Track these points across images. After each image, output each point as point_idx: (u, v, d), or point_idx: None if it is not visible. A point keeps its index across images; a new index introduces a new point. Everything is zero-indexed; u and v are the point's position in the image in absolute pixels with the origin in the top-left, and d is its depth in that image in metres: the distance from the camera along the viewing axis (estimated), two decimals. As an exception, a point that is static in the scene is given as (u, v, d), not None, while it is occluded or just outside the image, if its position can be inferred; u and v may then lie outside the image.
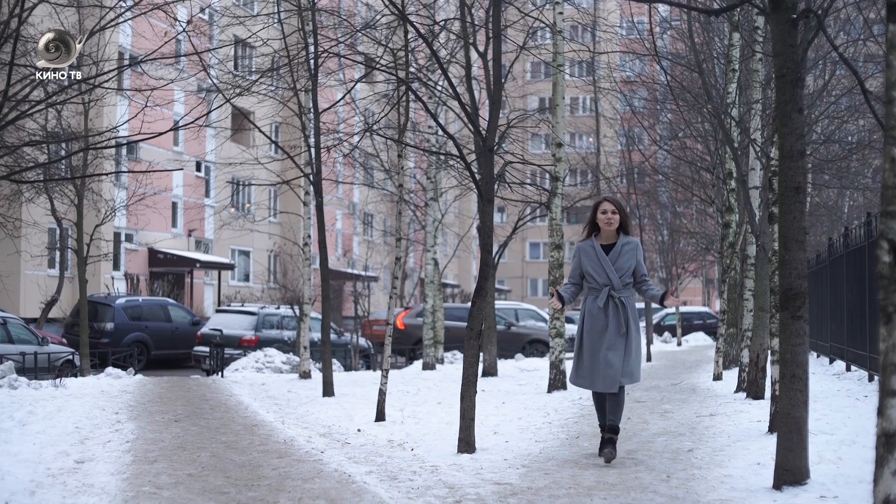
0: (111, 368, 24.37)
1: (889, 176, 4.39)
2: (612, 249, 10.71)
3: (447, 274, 75.65)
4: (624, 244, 10.73)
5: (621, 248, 10.70)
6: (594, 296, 10.69)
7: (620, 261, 10.65)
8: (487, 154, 12.00)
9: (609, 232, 10.74)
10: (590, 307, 10.70)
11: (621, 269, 10.64)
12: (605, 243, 10.77)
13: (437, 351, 30.18)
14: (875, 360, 17.09)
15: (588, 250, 10.77)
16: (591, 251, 10.74)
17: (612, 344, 10.48)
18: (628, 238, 10.81)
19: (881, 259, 4.40)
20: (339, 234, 66.40)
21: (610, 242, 10.77)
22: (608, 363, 10.41)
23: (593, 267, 10.69)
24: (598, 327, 10.56)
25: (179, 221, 52.72)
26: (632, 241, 10.82)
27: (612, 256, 10.67)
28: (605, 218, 10.67)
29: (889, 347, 4.35)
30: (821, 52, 21.21)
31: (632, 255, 10.70)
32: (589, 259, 10.74)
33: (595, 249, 10.72)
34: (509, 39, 20.14)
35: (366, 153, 36.93)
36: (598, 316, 10.59)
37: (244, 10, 32.65)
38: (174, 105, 46.65)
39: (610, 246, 10.75)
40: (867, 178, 30.32)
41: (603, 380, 10.43)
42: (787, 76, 8.09)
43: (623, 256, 10.67)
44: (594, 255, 10.71)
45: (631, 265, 10.68)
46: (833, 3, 10.65)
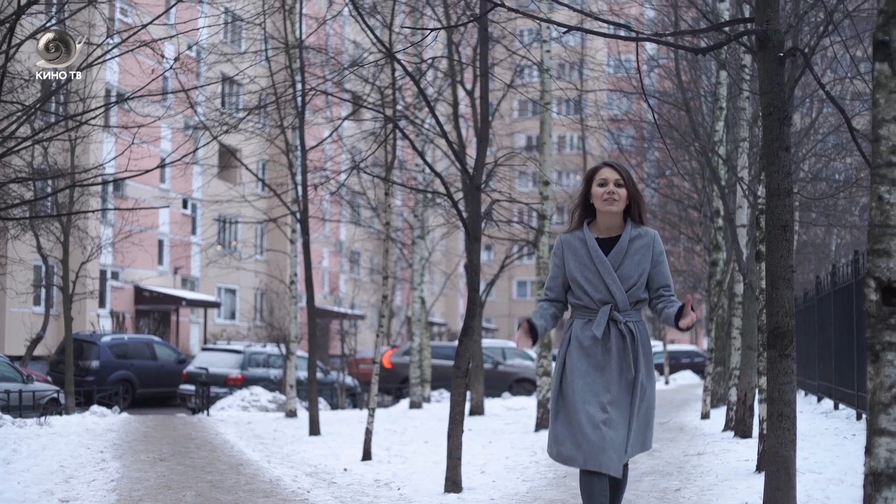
0: (96, 407, 24.24)
1: (876, 214, 4.37)
2: (616, 246, 7.00)
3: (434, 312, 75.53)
4: (634, 238, 7.01)
5: (629, 243, 6.99)
6: (584, 319, 7.00)
7: (628, 264, 6.96)
8: (474, 192, 11.98)
9: (611, 218, 7.06)
10: (578, 336, 6.97)
11: (629, 276, 6.94)
12: (605, 236, 7.08)
13: (424, 389, 30.10)
14: (863, 398, 17.06)
15: (576, 247, 7.08)
16: (582, 248, 7.05)
17: (614, 398, 6.80)
18: (641, 228, 7.06)
19: (868, 297, 4.38)
20: (326, 272, 66.31)
21: (612, 235, 7.07)
22: (607, 428, 6.72)
23: (584, 273, 6.99)
24: (591, 368, 6.87)
25: (166, 259, 52.61)
26: (646, 232, 7.06)
27: (615, 257, 6.97)
28: (604, 193, 6.97)
29: (876, 386, 4.32)
30: (808, 90, 21.27)
31: (646, 256, 6.98)
32: (578, 260, 7.04)
33: (588, 246, 7.03)
34: (497, 77, 20.16)
35: (353, 191, 36.93)
36: (592, 351, 6.88)
37: (232, 48, 32.73)
38: (161, 142, 46.65)
39: (611, 241, 7.05)
40: (854, 216, 30.39)
41: (597, 454, 6.67)
42: (774, 114, 8.09)
43: (632, 257, 6.97)
44: (586, 254, 7.02)
45: (644, 271, 6.98)
46: (820, 42, 10.68)
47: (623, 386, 6.86)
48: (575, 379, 6.90)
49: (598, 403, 6.80)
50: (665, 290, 7.06)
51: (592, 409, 6.78)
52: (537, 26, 23.99)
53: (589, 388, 6.85)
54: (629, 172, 7.16)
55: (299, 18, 21.78)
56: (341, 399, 33.26)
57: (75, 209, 28.76)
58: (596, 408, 6.78)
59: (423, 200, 28.97)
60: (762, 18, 8.01)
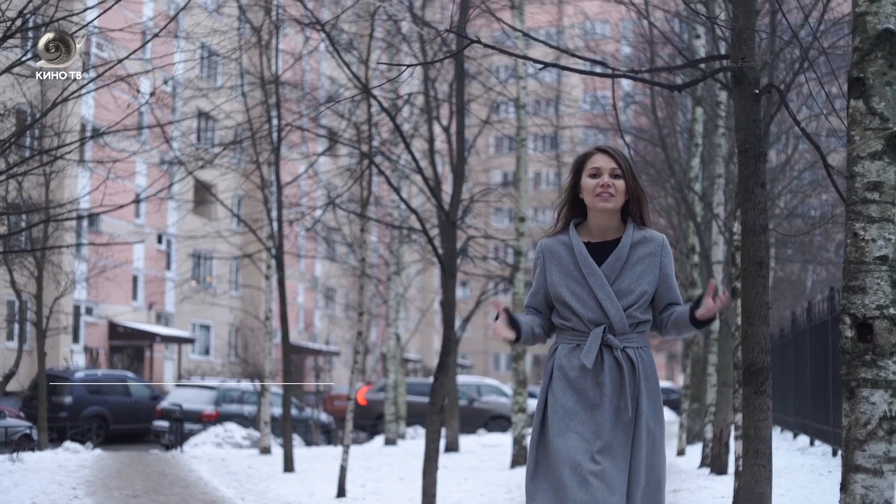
0: (69, 443, 24.09)
1: (851, 251, 4.37)
2: (613, 253, 5.48)
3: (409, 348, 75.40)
4: (637, 243, 5.51)
5: (631, 249, 5.49)
6: (571, 344, 5.47)
7: (628, 276, 5.45)
8: (450, 228, 11.97)
9: (605, 217, 5.54)
10: (562, 366, 5.46)
11: (628, 291, 5.42)
12: (598, 240, 5.55)
13: (399, 426, 29.99)
14: (839, 435, 17.05)
15: (560, 254, 5.55)
16: (567, 256, 5.52)
17: (607, 445, 5.31)
18: (646, 231, 5.56)
19: (843, 334, 4.39)
20: (301, 308, 66.13)
21: (607, 239, 5.54)
22: (598, 482, 5.25)
23: (571, 287, 5.47)
24: (579, 407, 5.40)
25: (140, 294, 52.38)
26: (653, 237, 5.55)
27: (612, 266, 5.45)
28: (597, 186, 5.47)
29: (852, 423, 4.32)
30: (783, 127, 21.37)
31: (651, 266, 5.49)
32: (563, 271, 5.51)
33: (575, 253, 5.50)
34: (473, 114, 20.19)
35: (328, 227, 36.88)
36: (579, 384, 5.39)
37: (208, 83, 32.72)
38: (136, 177, 46.52)
39: (607, 246, 5.52)
40: (830, 253, 30.51)
41: None
42: (749, 151, 8.10)
43: (633, 267, 5.47)
44: (572, 263, 5.49)
45: (649, 285, 5.47)
46: (795, 79, 10.71)
47: (619, 430, 5.34)
48: (557, 421, 5.40)
49: (587, 452, 5.29)
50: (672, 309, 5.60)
51: (579, 460, 5.27)
52: (513, 63, 24.05)
53: (575, 433, 5.34)
54: (629, 160, 5.60)
55: (275, 54, 21.79)
56: (315, 436, 33.12)
57: (50, 244, 28.63)
58: (584, 457, 5.28)
59: (399, 236, 28.95)
60: (738, 55, 8.03)
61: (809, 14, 10.28)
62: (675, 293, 5.62)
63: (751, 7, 8.27)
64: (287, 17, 20.17)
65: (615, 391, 5.38)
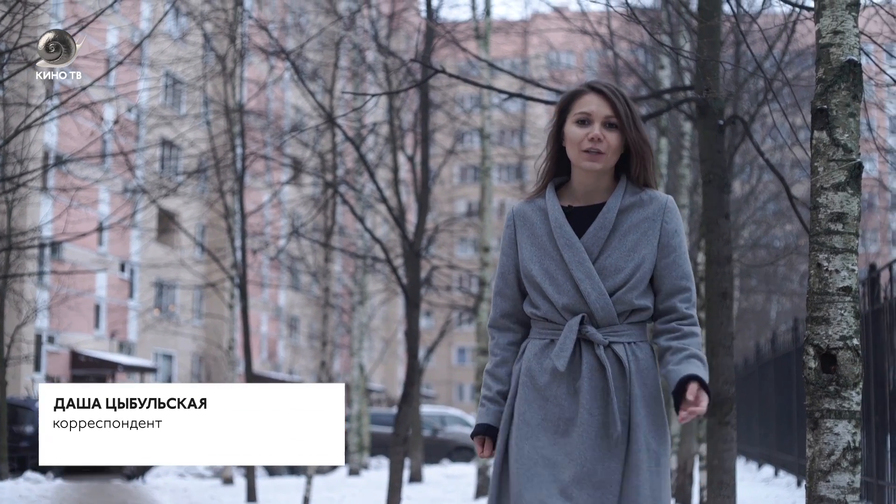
0: (30, 473, 23.87)
1: (815, 281, 4.37)
2: (598, 218, 4.16)
3: (373, 378, 75.27)
4: (630, 206, 4.18)
5: (619, 216, 4.17)
6: (543, 340, 4.19)
7: (616, 248, 4.14)
8: (414, 258, 11.95)
9: (593, 178, 4.21)
10: (531, 370, 4.18)
11: (616, 269, 4.11)
12: (582, 204, 4.23)
13: (363, 456, 29.88)
14: (803, 465, 17.08)
15: (534, 222, 4.25)
16: (541, 225, 4.23)
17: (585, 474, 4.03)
18: (645, 193, 4.22)
19: (807, 365, 4.38)
20: (265, 337, 65.90)
21: (593, 203, 4.22)
22: None
23: (543, 264, 4.18)
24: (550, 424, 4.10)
25: (102, 323, 52.09)
26: (653, 198, 4.19)
27: (594, 236, 4.14)
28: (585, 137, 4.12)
29: (816, 453, 4.31)
30: (748, 158, 21.50)
31: (648, 235, 4.15)
32: (535, 244, 4.23)
33: (552, 218, 4.19)
34: (437, 143, 20.21)
35: (292, 256, 36.81)
36: (550, 393, 4.12)
37: (172, 111, 32.65)
38: (99, 205, 46.34)
39: (592, 211, 4.20)
40: (794, 283, 30.65)
41: None
42: (713, 181, 8.12)
43: (624, 237, 4.15)
44: (546, 233, 4.21)
45: (644, 260, 4.13)
46: (759, 110, 10.76)
47: (605, 452, 4.05)
48: (521, 442, 4.10)
49: (556, 484, 4.03)
50: (681, 302, 4.17)
51: (544, 496, 4.01)
52: (478, 92, 24.10)
53: (542, 458, 4.06)
54: (630, 103, 4.25)
55: (240, 82, 21.75)
56: (279, 466, 32.95)
57: (11, 272, 28.45)
58: (550, 491, 4.01)
59: (363, 266, 28.90)
60: (702, 86, 8.06)
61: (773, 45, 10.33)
62: (681, 273, 4.17)
63: (715, 38, 8.31)
64: (252, 46, 20.18)
65: (597, 401, 4.08)
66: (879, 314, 10.70)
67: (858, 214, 4.36)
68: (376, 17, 22.01)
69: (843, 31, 4.42)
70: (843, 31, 4.42)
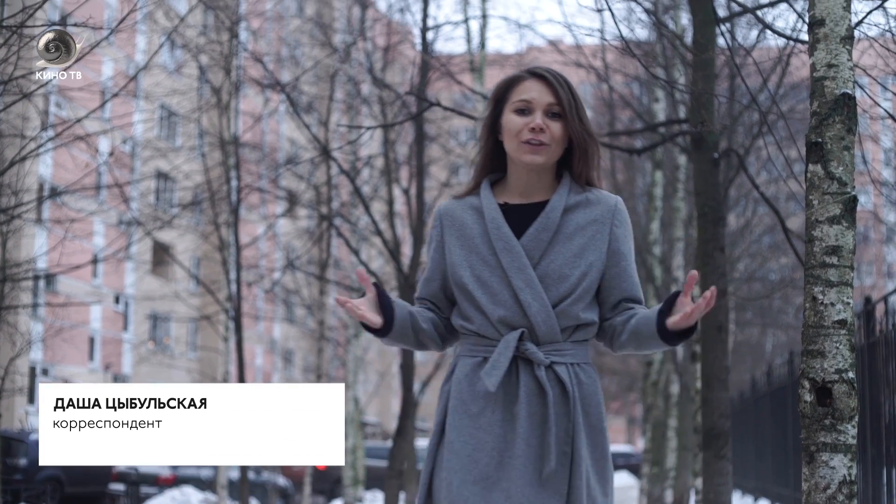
0: (23, 506, 23.81)
1: (810, 315, 4.36)
2: (540, 218, 3.70)
3: (368, 411, 75.16)
4: (575, 206, 3.73)
5: (564, 215, 3.71)
6: (475, 358, 3.71)
7: (560, 252, 3.67)
8: (409, 291, 11.94)
9: (531, 174, 3.77)
10: (462, 392, 3.70)
11: (561, 277, 3.64)
12: (520, 201, 3.78)
13: (357, 490, 29.77)
14: (799, 499, 17.02)
15: (464, 222, 3.79)
16: (475, 225, 3.77)
17: None
18: (592, 192, 3.77)
19: (803, 398, 4.37)
20: (259, 370, 65.79)
21: (534, 201, 3.77)
22: None
23: (475, 269, 3.71)
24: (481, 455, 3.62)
25: (97, 355, 52.00)
26: (600, 198, 3.76)
27: (536, 238, 3.68)
28: (524, 127, 3.69)
29: (811, 487, 4.29)
30: (742, 191, 21.51)
31: (596, 239, 3.70)
32: (466, 246, 3.76)
33: (486, 219, 3.74)
34: (432, 176, 20.22)
35: (287, 289, 36.77)
36: (482, 420, 3.65)
37: (166, 143, 32.69)
38: (94, 237, 46.32)
39: (533, 209, 3.74)
40: (789, 316, 30.63)
41: None
42: (708, 214, 8.11)
43: (569, 240, 3.69)
44: (480, 234, 3.74)
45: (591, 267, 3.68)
46: (754, 142, 10.77)
47: (539, 490, 3.56)
48: (451, 476, 3.65)
49: None
50: (629, 307, 3.76)
51: None
52: (473, 125, 24.14)
53: (473, 495, 3.59)
54: (574, 91, 3.74)
55: (235, 114, 21.77)
56: (273, 500, 32.84)
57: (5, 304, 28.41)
58: None
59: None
60: (697, 120, 8.06)
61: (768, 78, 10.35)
62: (631, 283, 3.76)
63: (710, 71, 8.32)
64: (247, 78, 20.20)
65: (535, 430, 3.61)
66: (875, 347, 10.67)
67: (853, 247, 4.35)
68: (371, 50, 22.07)
69: (837, 64, 4.42)
70: (837, 65, 4.42)
